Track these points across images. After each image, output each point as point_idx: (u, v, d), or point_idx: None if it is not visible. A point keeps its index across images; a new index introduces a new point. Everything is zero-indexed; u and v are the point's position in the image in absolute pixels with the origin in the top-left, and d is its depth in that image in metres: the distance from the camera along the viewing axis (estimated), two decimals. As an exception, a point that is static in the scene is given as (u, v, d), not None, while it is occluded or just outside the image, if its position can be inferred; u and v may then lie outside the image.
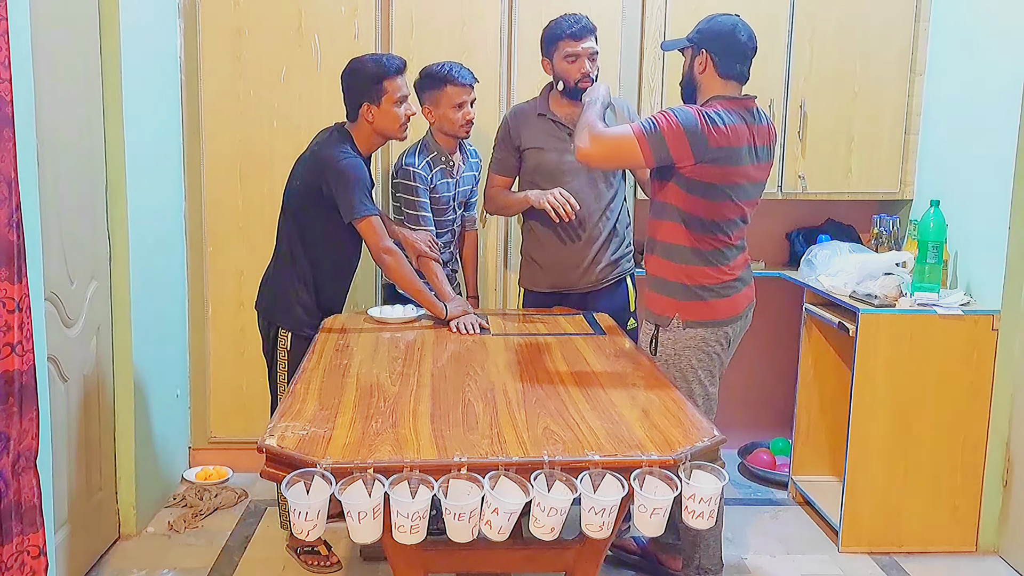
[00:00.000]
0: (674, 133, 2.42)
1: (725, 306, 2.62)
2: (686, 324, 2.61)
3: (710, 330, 2.62)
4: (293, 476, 1.74)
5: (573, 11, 3.42)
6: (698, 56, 2.56)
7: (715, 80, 2.55)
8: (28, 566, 2.22)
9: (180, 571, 2.99)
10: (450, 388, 2.29)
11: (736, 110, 2.50)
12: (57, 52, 2.63)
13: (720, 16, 2.58)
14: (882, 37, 3.55)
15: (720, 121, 2.44)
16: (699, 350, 2.63)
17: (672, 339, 2.63)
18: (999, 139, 3.07)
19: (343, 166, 2.78)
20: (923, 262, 3.17)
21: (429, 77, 3.08)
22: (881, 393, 3.11)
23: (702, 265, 2.58)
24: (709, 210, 2.53)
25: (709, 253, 2.58)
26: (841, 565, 3.10)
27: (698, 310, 2.60)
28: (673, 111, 2.46)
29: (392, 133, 2.90)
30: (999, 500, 3.17)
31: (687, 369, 2.64)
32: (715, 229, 2.56)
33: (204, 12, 3.51)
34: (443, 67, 3.06)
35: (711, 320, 2.61)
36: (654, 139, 2.44)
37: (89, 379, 2.91)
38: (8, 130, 2.09)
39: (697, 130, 2.42)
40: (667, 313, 2.64)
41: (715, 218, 2.54)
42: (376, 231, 2.80)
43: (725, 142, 2.44)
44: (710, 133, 2.42)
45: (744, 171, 2.51)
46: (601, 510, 1.74)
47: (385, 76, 2.81)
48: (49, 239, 2.54)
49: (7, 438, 2.13)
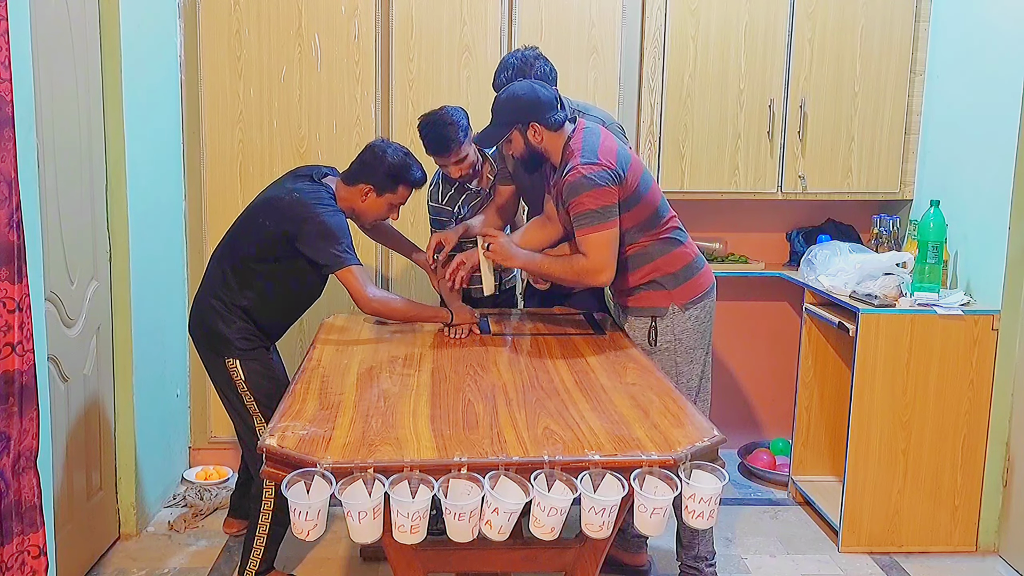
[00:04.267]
0: (602, 195, 2.51)
1: (706, 277, 2.75)
2: (684, 307, 2.69)
3: (703, 304, 2.72)
4: (293, 476, 1.74)
5: (573, 13, 3.42)
6: (528, 131, 2.60)
7: (554, 137, 2.61)
8: (28, 566, 2.22)
9: (180, 571, 3.00)
10: (450, 388, 2.29)
11: (589, 130, 2.60)
12: (57, 52, 2.63)
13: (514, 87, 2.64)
14: (882, 37, 3.55)
15: (596, 146, 2.55)
16: (696, 328, 2.72)
17: (671, 325, 2.70)
18: (999, 139, 3.07)
19: (329, 222, 2.69)
20: (923, 262, 3.17)
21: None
22: (881, 393, 3.11)
23: (673, 248, 2.69)
24: (645, 208, 2.64)
25: (671, 236, 2.69)
26: (841, 565, 3.10)
27: (690, 289, 2.70)
28: (584, 182, 2.49)
29: (362, 219, 2.89)
30: (999, 500, 3.17)
31: (691, 349, 2.71)
32: (659, 217, 2.67)
33: (204, 12, 3.51)
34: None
35: (703, 293, 2.72)
36: (606, 213, 2.52)
37: (89, 379, 2.91)
38: (8, 130, 2.09)
39: (605, 173, 2.51)
40: (662, 304, 2.70)
41: (652, 209, 2.65)
42: (359, 280, 2.70)
43: (612, 152, 2.55)
44: (606, 159, 2.52)
45: (637, 161, 2.64)
46: (601, 510, 1.74)
47: (403, 182, 2.80)
48: (49, 239, 2.54)
49: (7, 438, 2.13)
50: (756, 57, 3.55)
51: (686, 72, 3.54)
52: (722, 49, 3.54)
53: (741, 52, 3.54)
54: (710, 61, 3.54)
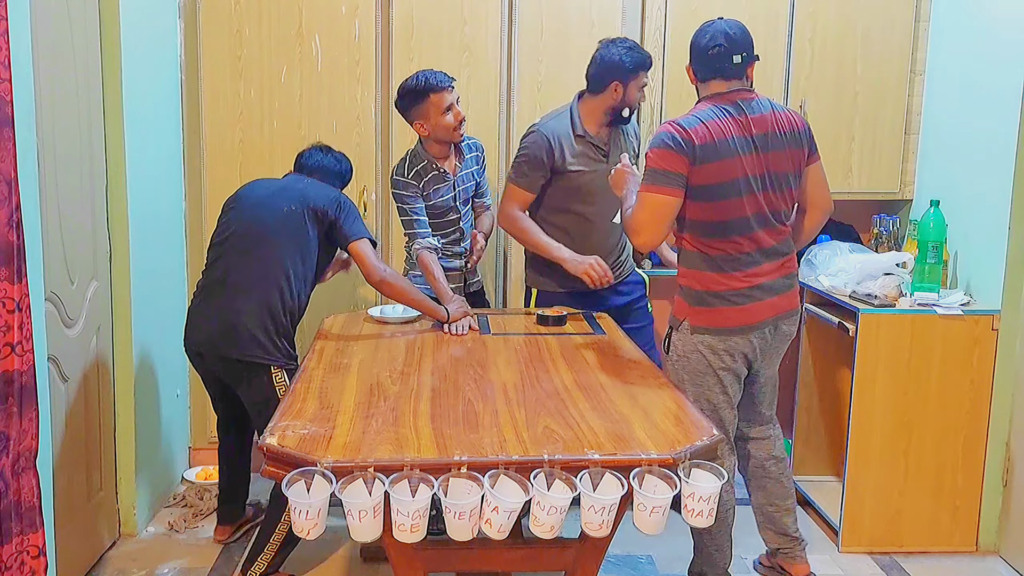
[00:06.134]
0: (664, 157, 2.43)
1: (736, 315, 2.53)
2: (693, 329, 2.56)
3: (718, 338, 2.54)
4: (294, 475, 1.74)
5: (573, 13, 3.44)
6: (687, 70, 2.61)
7: (700, 86, 2.58)
8: (28, 566, 2.22)
9: (180, 571, 3.00)
10: (450, 387, 2.29)
11: (718, 105, 2.49)
12: (57, 52, 2.64)
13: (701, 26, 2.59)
14: (882, 37, 3.55)
15: (693, 122, 2.45)
16: (704, 356, 2.56)
17: (681, 341, 2.59)
18: (999, 139, 3.07)
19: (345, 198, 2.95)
20: (923, 262, 3.17)
21: (410, 93, 3.05)
22: (881, 393, 3.11)
23: (710, 271, 2.53)
24: (708, 212, 2.49)
25: (718, 258, 2.52)
26: (841, 565, 3.10)
27: (704, 316, 2.55)
28: (661, 138, 2.45)
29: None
30: (999, 500, 3.17)
31: (694, 373, 2.58)
32: (719, 232, 2.50)
33: (204, 12, 3.51)
34: (419, 78, 3.03)
35: (717, 328, 2.54)
36: (660, 177, 2.43)
37: (89, 379, 2.91)
38: (8, 130, 2.09)
39: (676, 139, 2.42)
40: (679, 315, 2.61)
41: (715, 219, 2.49)
42: (371, 253, 2.86)
43: (708, 137, 2.43)
44: (689, 133, 2.42)
45: (735, 164, 2.45)
46: (600, 509, 1.74)
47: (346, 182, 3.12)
48: (49, 239, 2.54)
49: (7, 438, 2.13)
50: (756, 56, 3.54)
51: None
52: (722, 49, 3.54)
53: (741, 52, 3.53)
54: (710, 61, 3.53)
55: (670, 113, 3.53)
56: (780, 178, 2.53)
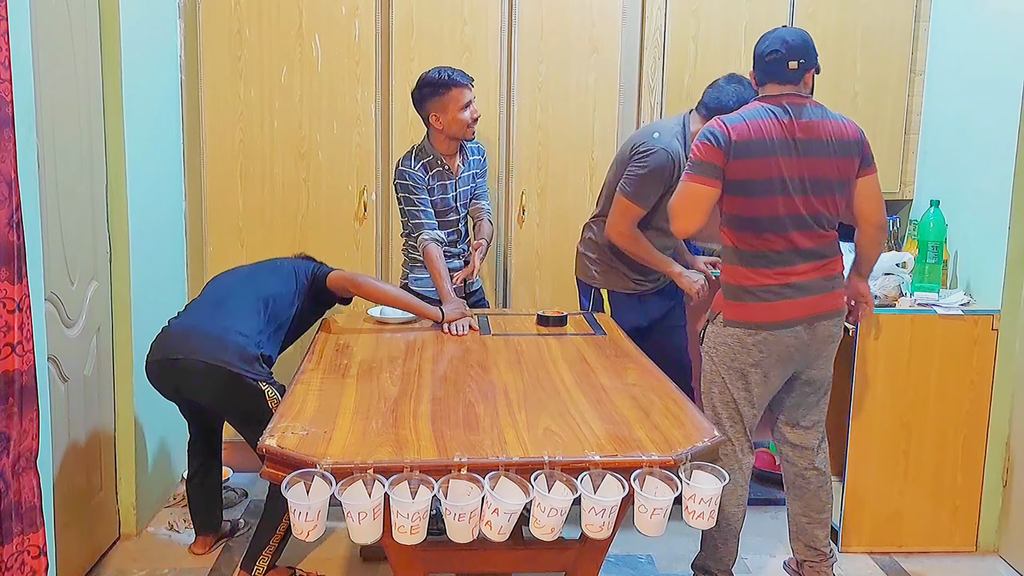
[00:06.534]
0: (703, 149, 2.51)
1: (762, 311, 2.57)
2: (726, 322, 2.63)
3: (747, 332, 2.59)
4: (293, 476, 1.74)
5: (573, 13, 3.42)
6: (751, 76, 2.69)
7: (759, 90, 2.63)
8: (28, 566, 2.22)
9: (180, 571, 3.00)
10: (450, 388, 2.29)
11: (766, 106, 2.54)
12: (57, 52, 2.63)
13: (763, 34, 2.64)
14: (882, 37, 3.55)
15: (736, 120, 2.52)
16: (732, 350, 2.62)
17: (714, 333, 2.67)
18: (999, 139, 3.07)
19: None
20: (923, 262, 3.17)
21: (431, 85, 3.09)
22: (881, 393, 3.11)
23: (741, 266, 2.59)
24: (742, 207, 2.54)
25: (749, 254, 2.57)
26: (841, 565, 3.10)
27: (736, 310, 2.61)
28: (704, 132, 2.55)
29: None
30: (999, 500, 3.17)
31: (720, 365, 2.65)
32: (752, 228, 2.54)
33: (204, 12, 3.51)
34: (442, 72, 3.08)
35: (746, 322, 2.59)
36: (697, 167, 2.52)
37: (89, 379, 2.91)
38: (8, 130, 2.09)
39: (715, 133, 2.51)
40: (716, 309, 2.69)
41: (748, 214, 2.54)
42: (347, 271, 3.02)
43: (746, 135, 2.49)
44: (728, 129, 2.50)
45: (772, 163, 2.49)
46: (601, 510, 1.74)
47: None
48: (49, 239, 2.54)
49: (7, 438, 2.13)
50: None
51: (686, 72, 3.54)
52: (722, 49, 3.54)
53: (741, 52, 3.53)
54: (710, 61, 3.53)
55: (670, 113, 3.54)
56: (822, 183, 2.55)
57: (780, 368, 2.64)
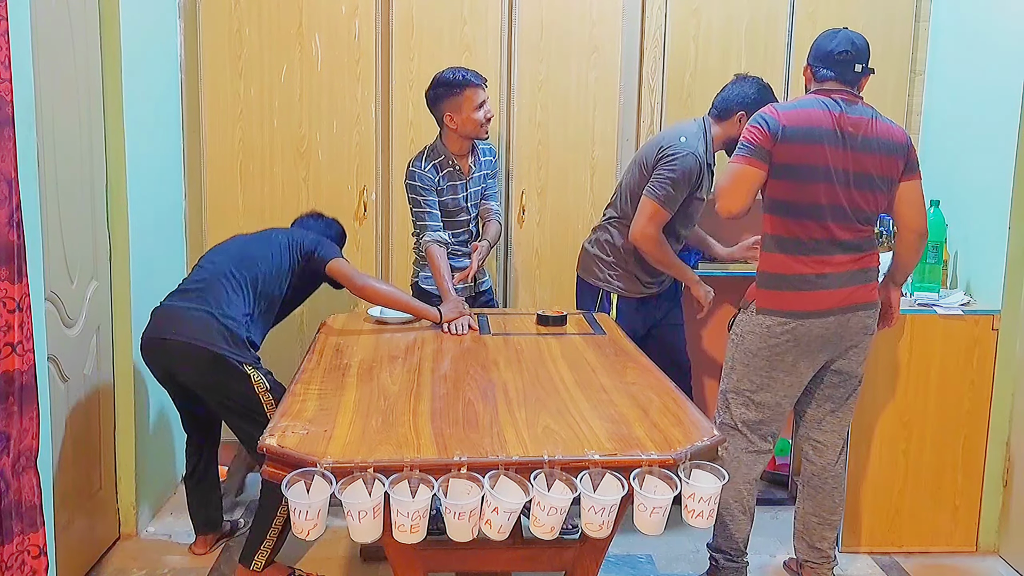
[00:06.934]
0: (753, 131, 2.55)
1: (798, 299, 2.59)
2: (758, 310, 2.64)
3: (777, 320, 2.60)
4: (293, 475, 1.74)
5: (573, 13, 3.41)
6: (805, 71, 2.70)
7: (815, 84, 2.65)
8: (28, 566, 2.22)
9: (180, 571, 2.99)
10: (450, 387, 2.29)
11: (819, 98, 2.58)
12: (57, 52, 2.63)
13: (826, 31, 2.67)
14: (882, 37, 3.55)
15: (788, 106, 2.58)
16: (760, 338, 2.63)
17: (744, 321, 2.68)
18: (999, 139, 3.07)
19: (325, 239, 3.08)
20: (923, 262, 3.17)
21: (446, 85, 3.08)
22: (881, 393, 3.11)
23: (778, 253, 2.61)
24: (784, 191, 2.56)
25: (787, 241, 2.58)
26: (841, 565, 3.10)
27: (769, 298, 2.62)
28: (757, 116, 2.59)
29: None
30: (999, 500, 3.17)
31: (746, 352, 2.66)
32: (792, 213, 2.56)
33: (204, 12, 3.51)
34: (456, 73, 3.08)
35: (779, 310, 2.60)
36: (744, 148, 2.56)
37: (89, 379, 2.91)
38: (8, 130, 2.09)
39: (766, 117, 2.55)
40: (748, 297, 2.70)
41: (789, 199, 2.56)
42: (347, 266, 2.97)
43: (796, 121, 2.52)
44: (779, 114, 2.54)
45: (819, 150, 2.52)
46: (601, 509, 1.74)
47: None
48: (49, 238, 2.54)
49: (7, 438, 2.13)
50: (757, 57, 3.55)
51: (686, 72, 3.54)
52: (723, 49, 3.54)
53: (741, 52, 3.54)
54: (711, 61, 3.53)
55: (669, 113, 3.54)
56: (865, 179, 2.57)
57: (809, 358, 2.64)
